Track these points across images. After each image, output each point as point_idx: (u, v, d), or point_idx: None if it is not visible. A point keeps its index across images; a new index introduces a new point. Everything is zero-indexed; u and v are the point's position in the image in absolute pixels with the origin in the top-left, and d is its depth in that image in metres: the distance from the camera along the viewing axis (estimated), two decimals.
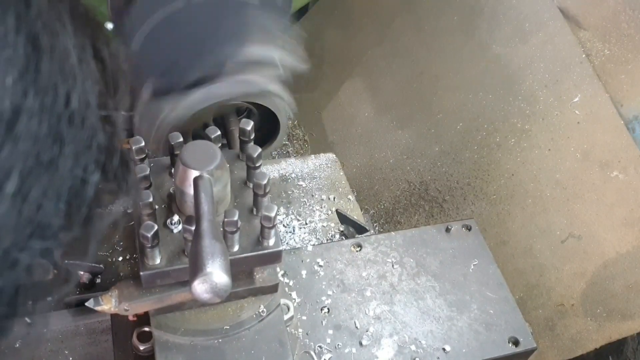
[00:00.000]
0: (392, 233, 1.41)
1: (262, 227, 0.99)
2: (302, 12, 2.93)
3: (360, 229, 1.48)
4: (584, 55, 2.05)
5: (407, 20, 2.61)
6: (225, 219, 0.94)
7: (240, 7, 1.35)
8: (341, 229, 1.48)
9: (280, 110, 1.48)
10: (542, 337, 1.98)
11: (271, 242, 1.01)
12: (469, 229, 1.44)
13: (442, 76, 2.45)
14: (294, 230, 1.44)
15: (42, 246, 0.55)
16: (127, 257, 1.21)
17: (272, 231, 1.00)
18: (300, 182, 1.55)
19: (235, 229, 0.95)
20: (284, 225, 1.45)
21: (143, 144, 1.06)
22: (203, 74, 1.29)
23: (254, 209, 1.04)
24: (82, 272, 1.15)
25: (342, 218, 1.49)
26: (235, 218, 0.94)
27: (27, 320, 1.11)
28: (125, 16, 1.52)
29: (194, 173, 0.95)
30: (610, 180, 1.95)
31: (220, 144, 1.09)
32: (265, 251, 1.01)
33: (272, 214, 0.97)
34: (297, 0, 2.43)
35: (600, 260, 1.93)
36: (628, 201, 1.90)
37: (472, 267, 1.37)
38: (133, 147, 1.05)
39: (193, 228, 0.88)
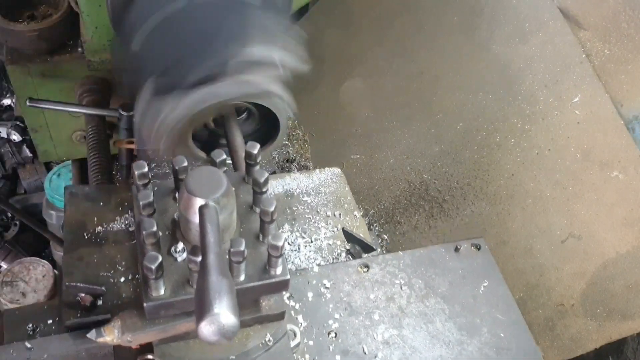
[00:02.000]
0: (400, 253, 1.37)
1: (269, 255, 0.97)
2: (302, 12, 2.92)
3: (367, 248, 1.45)
4: (584, 55, 2.05)
5: (407, 20, 2.61)
6: (232, 249, 0.92)
7: (241, 7, 1.35)
8: (347, 247, 1.44)
9: (280, 110, 1.47)
10: (542, 337, 1.98)
11: (278, 270, 0.99)
12: (478, 248, 1.40)
13: (442, 76, 2.45)
14: (299, 249, 1.41)
15: None
16: (130, 278, 1.17)
17: (280, 260, 0.97)
18: (305, 198, 1.52)
19: (241, 259, 0.93)
20: (289, 243, 1.42)
21: (146, 169, 1.03)
22: (205, 74, 1.29)
23: (261, 235, 1.02)
24: (83, 294, 1.12)
25: (349, 236, 1.45)
26: (242, 248, 0.91)
27: (27, 345, 1.09)
28: (125, 16, 1.52)
29: (199, 201, 0.92)
30: (610, 180, 1.95)
31: (225, 168, 1.07)
32: (272, 280, 0.99)
33: (280, 243, 0.94)
34: (297, 0, 2.42)
35: (600, 260, 1.93)
36: (628, 201, 1.91)
37: (482, 288, 1.34)
38: (136, 172, 1.03)
39: (198, 259, 0.86)
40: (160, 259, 0.90)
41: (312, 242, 1.43)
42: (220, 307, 0.75)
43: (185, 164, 1.05)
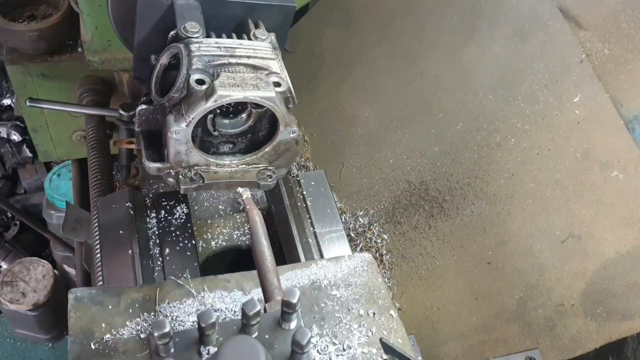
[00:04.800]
0: None
1: None
2: (302, 12, 2.92)
3: None
4: (584, 55, 2.05)
5: (407, 20, 2.61)
6: None
7: None
8: (385, 357, 1.29)
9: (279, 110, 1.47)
10: (542, 337, 1.98)
11: None
12: None
13: (442, 76, 2.45)
14: (330, 359, 1.25)
15: None
16: None
17: None
18: (334, 292, 1.36)
19: None
20: (318, 351, 1.25)
21: (167, 329, 0.95)
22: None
23: None
24: None
25: (387, 348, 1.30)
26: None
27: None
28: (126, 22, 1.53)
29: None
30: (610, 180, 1.95)
31: (258, 319, 0.98)
32: None
33: None
34: (297, 0, 2.42)
35: (600, 260, 1.93)
36: (628, 201, 1.91)
37: None
38: (156, 334, 0.95)
39: None
40: None
41: (344, 350, 1.27)
42: None
43: (213, 320, 0.96)
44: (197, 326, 0.99)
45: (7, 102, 3.83)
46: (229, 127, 1.50)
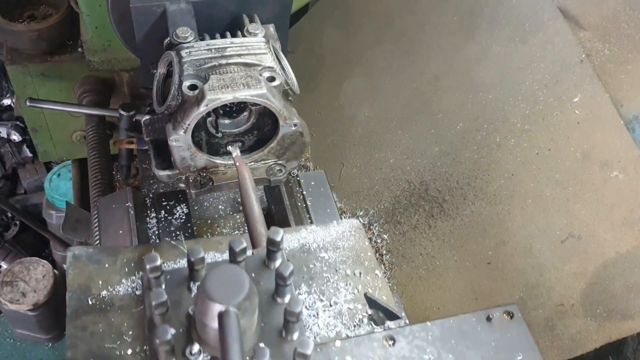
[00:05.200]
0: (428, 323, 1.28)
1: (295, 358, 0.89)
2: (302, 12, 2.92)
3: (391, 315, 1.37)
4: (584, 55, 2.05)
5: (407, 20, 2.61)
6: None
7: None
8: (369, 312, 1.36)
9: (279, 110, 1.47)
10: (542, 337, 1.98)
11: None
12: (511, 316, 1.32)
13: (442, 76, 2.45)
14: (317, 314, 1.31)
15: None
16: (137, 350, 1.08)
17: None
18: (323, 254, 1.42)
19: None
20: (306, 306, 1.32)
21: (159, 262, 0.97)
22: None
23: (283, 331, 0.96)
24: None
25: (371, 303, 1.37)
26: (266, 359, 0.85)
27: None
28: (127, 23, 1.53)
29: (219, 307, 0.85)
30: (610, 180, 1.95)
31: (245, 256, 1.01)
32: None
33: (309, 352, 0.87)
34: (297, 0, 2.42)
35: (600, 260, 1.93)
36: (628, 201, 1.91)
37: None
38: (147, 266, 0.97)
39: None
40: None
41: (331, 305, 1.34)
42: None
43: (202, 255, 0.99)
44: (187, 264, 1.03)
45: (7, 102, 3.82)
46: (232, 127, 1.50)
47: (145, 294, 1.01)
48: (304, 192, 1.84)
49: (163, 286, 0.97)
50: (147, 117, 1.41)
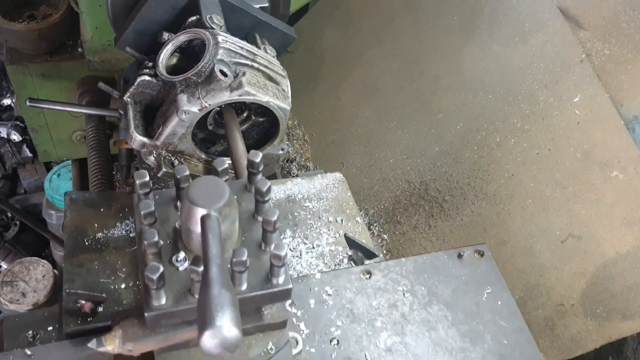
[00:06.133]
0: (403, 259, 1.37)
1: (272, 264, 0.96)
2: (302, 12, 2.92)
3: (369, 254, 1.44)
4: (584, 55, 2.05)
5: (407, 20, 2.61)
6: (234, 259, 0.91)
7: None
8: (349, 253, 1.43)
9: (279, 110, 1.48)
10: (542, 337, 1.98)
11: (281, 279, 0.98)
12: (481, 254, 1.39)
13: (442, 76, 2.45)
14: (300, 255, 1.40)
15: None
16: (130, 285, 1.16)
17: (282, 269, 0.97)
18: (307, 204, 1.51)
19: (243, 269, 0.93)
20: (290, 249, 1.41)
21: (147, 178, 1.02)
22: None
23: (263, 244, 1.02)
24: (83, 301, 1.11)
25: (351, 243, 1.45)
26: (244, 258, 0.91)
27: (27, 352, 1.10)
28: (124, 19, 1.53)
29: (202, 211, 0.92)
30: (610, 180, 1.95)
31: (227, 177, 1.07)
32: (275, 289, 0.98)
33: (283, 253, 0.94)
34: (297, 0, 2.43)
35: (600, 260, 1.93)
36: (628, 201, 1.91)
37: (485, 295, 1.33)
38: (137, 182, 1.02)
39: (200, 270, 0.86)
40: (161, 269, 0.90)
41: (314, 248, 1.41)
42: (222, 320, 0.75)
43: (187, 173, 1.04)
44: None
45: (7, 102, 3.83)
46: (221, 127, 1.53)
47: (135, 210, 1.06)
48: None
49: (152, 206, 1.01)
50: (147, 78, 1.41)
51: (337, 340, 1.22)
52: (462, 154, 2.31)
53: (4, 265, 3.48)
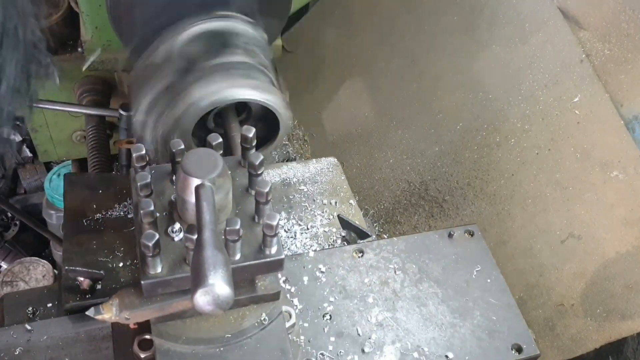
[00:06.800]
0: (395, 239, 1.40)
1: (264, 235, 0.99)
2: (302, 12, 2.92)
3: (362, 234, 1.47)
4: (584, 55, 2.05)
5: (407, 20, 2.61)
6: (227, 228, 0.94)
7: None
8: (343, 234, 1.47)
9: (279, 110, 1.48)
10: (542, 337, 1.98)
11: (273, 250, 1.01)
12: (471, 234, 1.44)
13: (442, 76, 2.45)
14: (295, 236, 1.43)
15: None
16: (128, 263, 1.19)
17: (274, 239, 1.00)
18: (302, 187, 1.55)
19: (237, 238, 0.95)
20: (285, 230, 1.44)
21: (144, 151, 1.05)
22: None
23: (256, 217, 1.04)
24: (82, 278, 1.14)
25: (344, 223, 1.48)
26: (237, 227, 0.93)
27: (28, 327, 1.12)
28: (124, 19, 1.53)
29: (196, 181, 0.94)
30: (610, 180, 1.95)
31: (221, 151, 1.09)
32: (267, 259, 1.01)
33: (274, 223, 0.96)
34: (297, 0, 2.42)
35: (600, 260, 1.93)
36: (628, 201, 1.90)
37: (475, 273, 1.37)
38: (134, 155, 1.05)
39: (195, 237, 0.88)
40: (157, 236, 0.92)
41: (308, 229, 1.45)
42: (215, 278, 0.77)
43: (182, 147, 1.06)
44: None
45: None
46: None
47: (132, 183, 1.08)
48: None
49: (149, 179, 1.04)
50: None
51: (330, 315, 1.26)
52: (462, 154, 2.31)
53: (4, 265, 3.47)
